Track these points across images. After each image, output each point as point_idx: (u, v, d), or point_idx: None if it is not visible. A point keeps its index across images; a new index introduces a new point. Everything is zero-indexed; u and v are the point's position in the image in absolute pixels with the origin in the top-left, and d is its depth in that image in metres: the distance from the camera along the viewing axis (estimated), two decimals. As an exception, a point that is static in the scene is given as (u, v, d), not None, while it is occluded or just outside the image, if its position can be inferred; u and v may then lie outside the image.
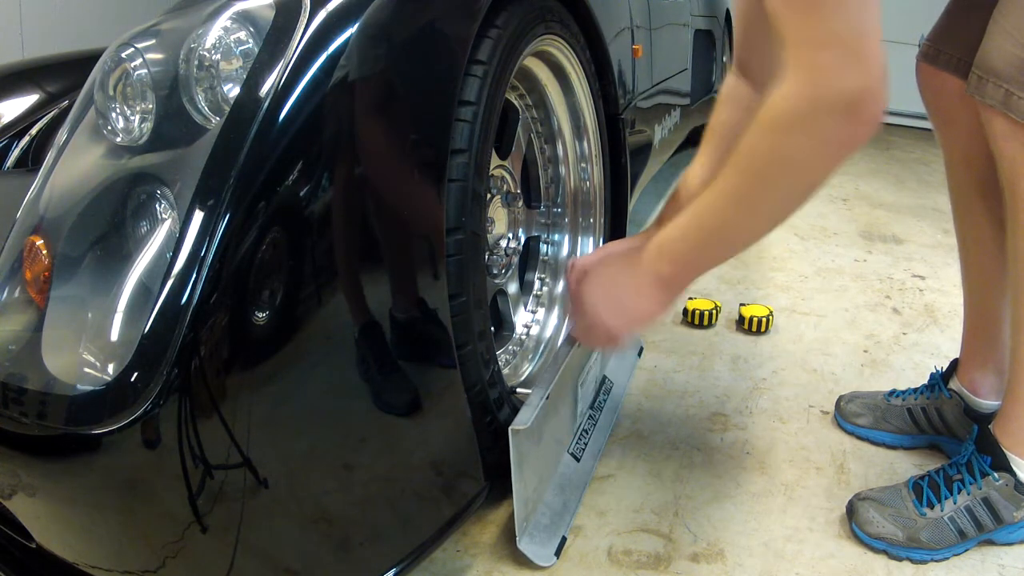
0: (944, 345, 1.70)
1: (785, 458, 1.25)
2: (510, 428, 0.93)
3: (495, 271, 1.23)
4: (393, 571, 0.85)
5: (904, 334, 1.75)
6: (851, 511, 1.08)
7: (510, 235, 1.28)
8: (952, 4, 1.13)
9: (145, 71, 0.75)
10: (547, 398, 1.01)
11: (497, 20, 0.98)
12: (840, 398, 1.37)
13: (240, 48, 0.74)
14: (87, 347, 0.68)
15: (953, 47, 1.09)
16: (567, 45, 1.24)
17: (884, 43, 0.77)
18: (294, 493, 0.76)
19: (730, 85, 1.14)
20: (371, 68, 0.77)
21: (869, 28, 0.76)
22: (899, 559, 1.04)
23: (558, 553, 1.01)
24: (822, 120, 0.78)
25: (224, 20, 0.75)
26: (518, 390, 1.14)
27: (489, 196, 1.17)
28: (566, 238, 1.42)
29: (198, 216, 0.67)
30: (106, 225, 0.72)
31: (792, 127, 0.80)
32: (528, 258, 1.39)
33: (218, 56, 0.73)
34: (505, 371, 1.19)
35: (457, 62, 0.88)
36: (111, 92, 0.77)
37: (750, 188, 0.87)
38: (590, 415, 1.27)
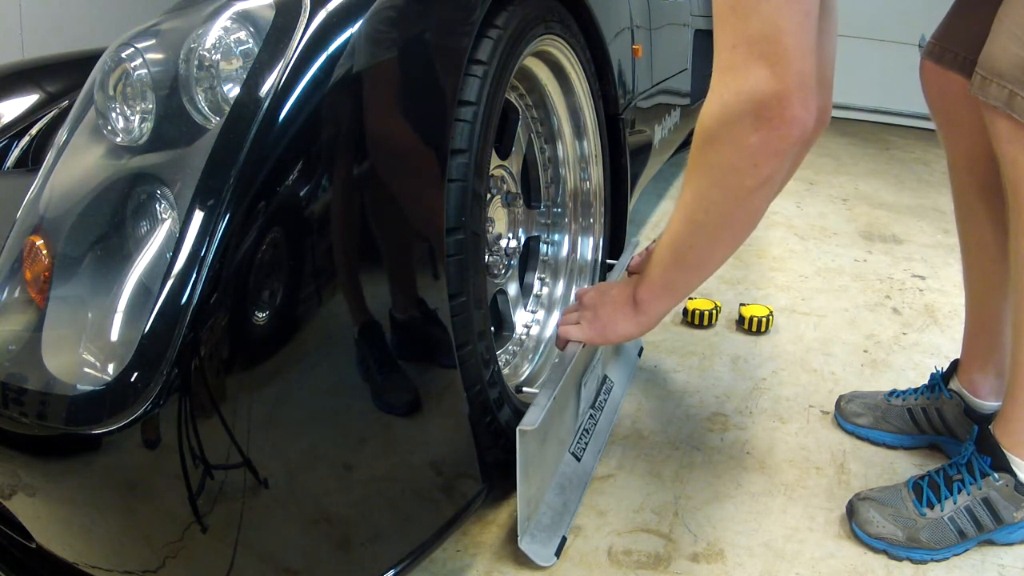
0: (944, 345, 1.70)
1: (785, 458, 1.25)
2: (518, 429, 0.93)
3: (495, 271, 1.23)
4: (393, 571, 0.85)
5: (904, 334, 1.75)
6: (851, 511, 1.08)
7: (510, 235, 1.28)
8: (958, 2, 1.12)
9: (145, 71, 0.75)
10: (554, 399, 1.01)
11: (497, 20, 0.98)
12: (840, 398, 1.37)
13: (240, 48, 0.74)
14: (87, 347, 0.68)
15: (959, 45, 1.08)
16: (567, 45, 1.24)
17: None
18: (294, 493, 0.76)
19: None
20: (371, 68, 0.77)
21: (785, 31, 0.75)
22: (899, 559, 1.04)
23: (558, 553, 1.01)
24: (734, 124, 0.79)
25: (224, 20, 0.75)
26: (524, 389, 1.14)
27: (489, 196, 1.17)
28: (566, 238, 1.42)
29: (198, 216, 0.67)
30: (106, 225, 0.72)
31: (711, 134, 0.82)
32: (528, 258, 1.39)
33: (218, 56, 0.73)
34: (505, 371, 1.19)
35: (457, 62, 0.88)
36: (111, 92, 0.77)
37: (693, 202, 0.88)
38: (591, 415, 1.27)
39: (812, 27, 0.77)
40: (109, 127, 0.76)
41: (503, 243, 1.25)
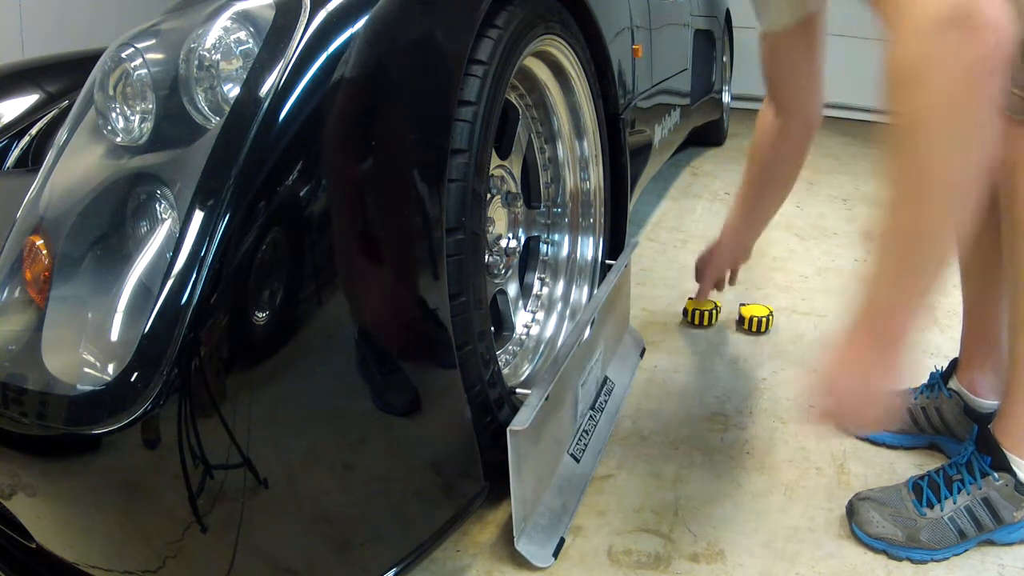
0: (944, 345, 1.70)
1: (785, 458, 1.25)
2: (508, 429, 0.93)
3: (495, 271, 1.23)
4: (393, 571, 0.85)
5: (904, 334, 1.75)
6: (851, 511, 1.08)
7: (510, 235, 1.28)
8: None
9: (145, 71, 0.75)
10: (546, 399, 1.01)
11: (497, 20, 0.98)
12: (840, 398, 1.37)
13: (240, 48, 0.74)
14: (87, 347, 0.68)
15: None
16: (567, 45, 1.24)
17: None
18: (294, 493, 0.76)
19: (767, 118, 1.34)
20: (371, 68, 0.77)
21: None
22: (899, 559, 1.04)
23: (556, 554, 1.01)
24: (943, 40, 0.69)
25: (224, 20, 0.75)
26: (518, 391, 1.14)
27: (489, 196, 1.17)
28: (566, 238, 1.42)
29: (198, 216, 0.67)
30: (106, 225, 0.72)
31: (915, 68, 0.72)
32: (528, 258, 1.39)
33: (218, 56, 0.73)
34: (505, 371, 1.19)
35: (457, 62, 0.88)
36: (111, 92, 0.77)
37: (916, 163, 0.75)
38: (591, 416, 1.26)
39: None
40: (109, 127, 0.76)
41: (503, 243, 1.25)
